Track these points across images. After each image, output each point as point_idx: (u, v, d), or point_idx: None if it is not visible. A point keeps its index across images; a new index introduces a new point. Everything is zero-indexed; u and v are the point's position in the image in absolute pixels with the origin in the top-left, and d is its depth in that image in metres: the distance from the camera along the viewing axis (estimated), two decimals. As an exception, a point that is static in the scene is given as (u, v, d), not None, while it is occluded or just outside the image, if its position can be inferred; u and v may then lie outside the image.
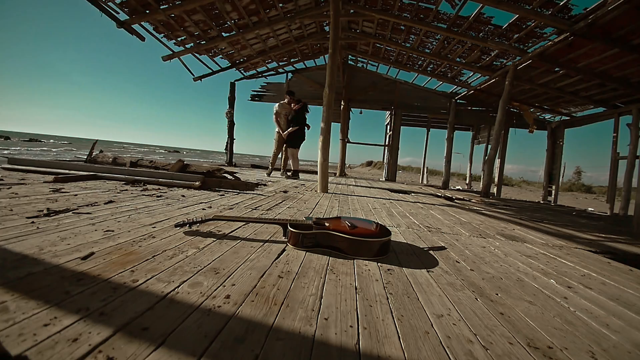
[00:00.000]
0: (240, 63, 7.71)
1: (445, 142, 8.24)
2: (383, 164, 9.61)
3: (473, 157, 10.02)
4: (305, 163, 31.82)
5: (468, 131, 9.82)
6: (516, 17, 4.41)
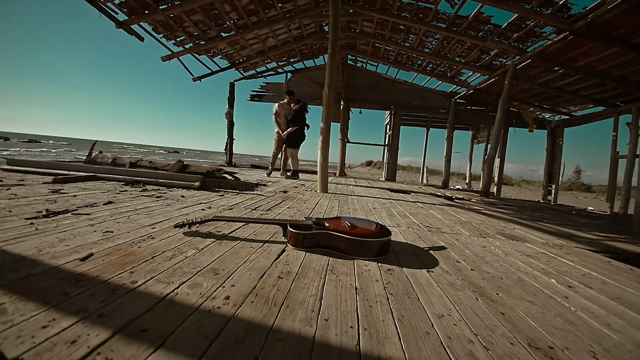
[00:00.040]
0: (239, 63, 7.71)
1: (444, 142, 8.24)
2: (383, 164, 9.61)
3: (473, 157, 10.02)
4: (305, 163, 31.80)
5: (468, 131, 9.82)
6: (515, 17, 4.41)
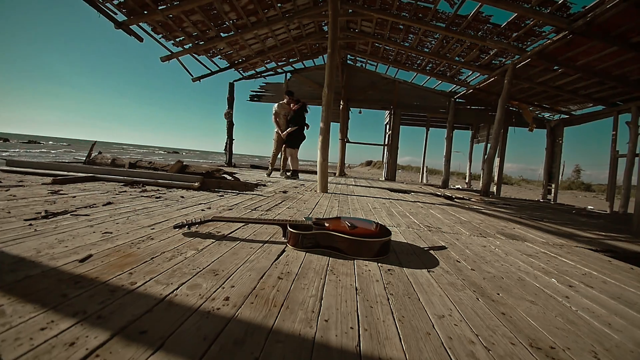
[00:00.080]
0: (239, 63, 7.70)
1: (444, 141, 8.24)
2: (382, 164, 9.61)
3: (472, 156, 10.02)
4: (304, 163, 31.82)
5: (467, 130, 9.82)
6: (515, 16, 4.41)
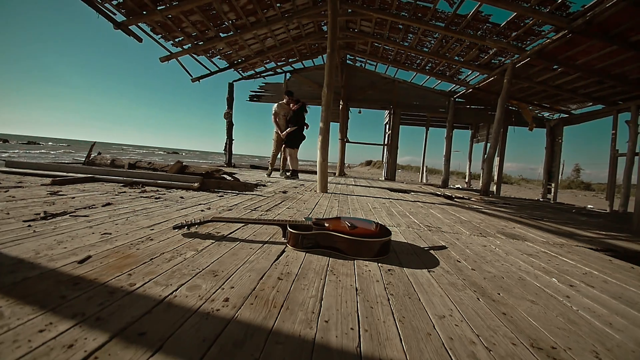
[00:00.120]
0: (238, 64, 7.70)
1: (444, 141, 8.25)
2: (382, 163, 9.61)
3: (472, 156, 10.03)
4: (304, 163, 31.80)
5: (467, 129, 9.83)
6: (514, 15, 4.41)
